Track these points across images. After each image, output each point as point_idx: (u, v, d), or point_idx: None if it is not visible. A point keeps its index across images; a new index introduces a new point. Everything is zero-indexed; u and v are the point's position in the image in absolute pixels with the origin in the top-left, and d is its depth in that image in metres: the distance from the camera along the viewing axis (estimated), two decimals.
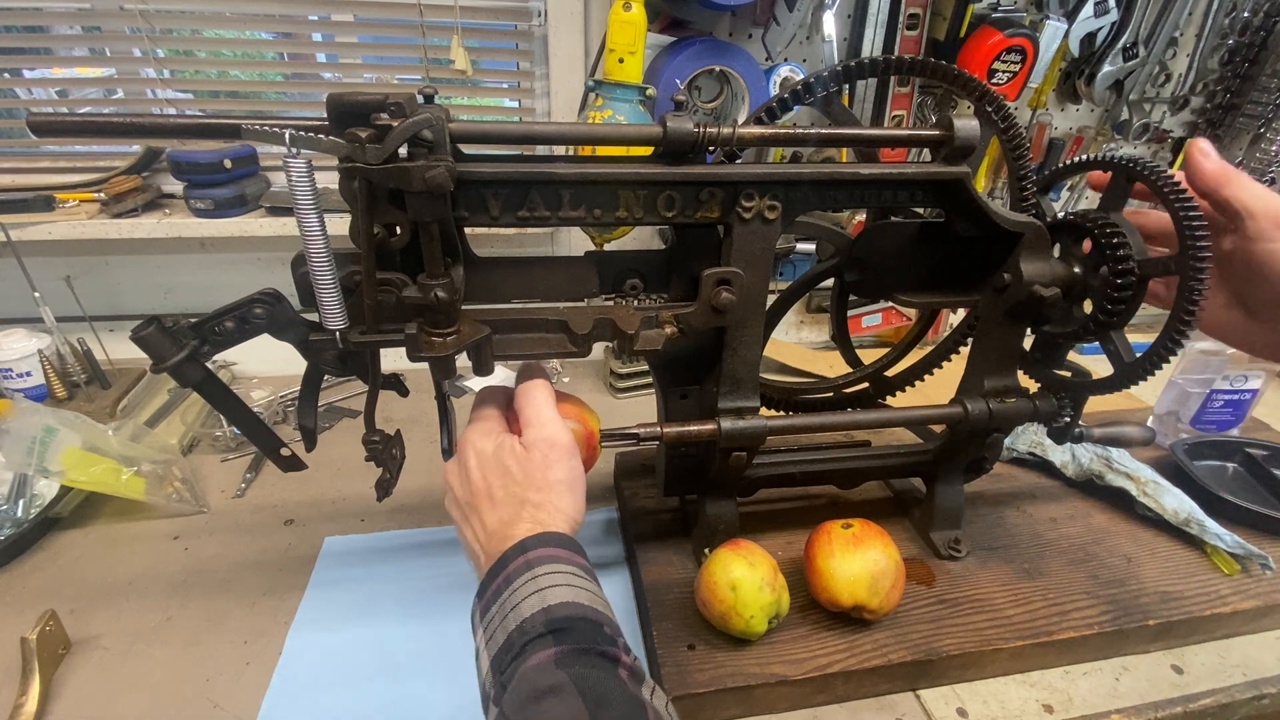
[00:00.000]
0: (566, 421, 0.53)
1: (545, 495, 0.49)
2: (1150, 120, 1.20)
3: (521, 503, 0.49)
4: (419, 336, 0.50)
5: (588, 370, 1.16)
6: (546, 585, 0.43)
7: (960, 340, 0.77)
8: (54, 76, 1.22)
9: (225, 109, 1.19)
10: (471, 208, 0.51)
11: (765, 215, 0.54)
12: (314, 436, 0.59)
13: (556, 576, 0.44)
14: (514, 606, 0.42)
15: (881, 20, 1.01)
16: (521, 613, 0.42)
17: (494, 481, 0.50)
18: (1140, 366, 0.58)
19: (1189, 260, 0.52)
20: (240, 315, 0.50)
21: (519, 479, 0.49)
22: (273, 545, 0.75)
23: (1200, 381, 0.93)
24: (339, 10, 1.07)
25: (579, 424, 0.56)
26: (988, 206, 0.58)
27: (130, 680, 0.59)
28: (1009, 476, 0.86)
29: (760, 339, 0.60)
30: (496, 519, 0.49)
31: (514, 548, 0.46)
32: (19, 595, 0.67)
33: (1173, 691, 0.62)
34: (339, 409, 1.00)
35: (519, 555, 0.45)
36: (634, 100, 0.90)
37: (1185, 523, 0.74)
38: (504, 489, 0.50)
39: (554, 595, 0.42)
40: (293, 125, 0.43)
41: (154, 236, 1.05)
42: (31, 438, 0.72)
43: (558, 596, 0.42)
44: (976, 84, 0.60)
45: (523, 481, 0.49)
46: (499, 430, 0.53)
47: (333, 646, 0.63)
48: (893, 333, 1.25)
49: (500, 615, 0.43)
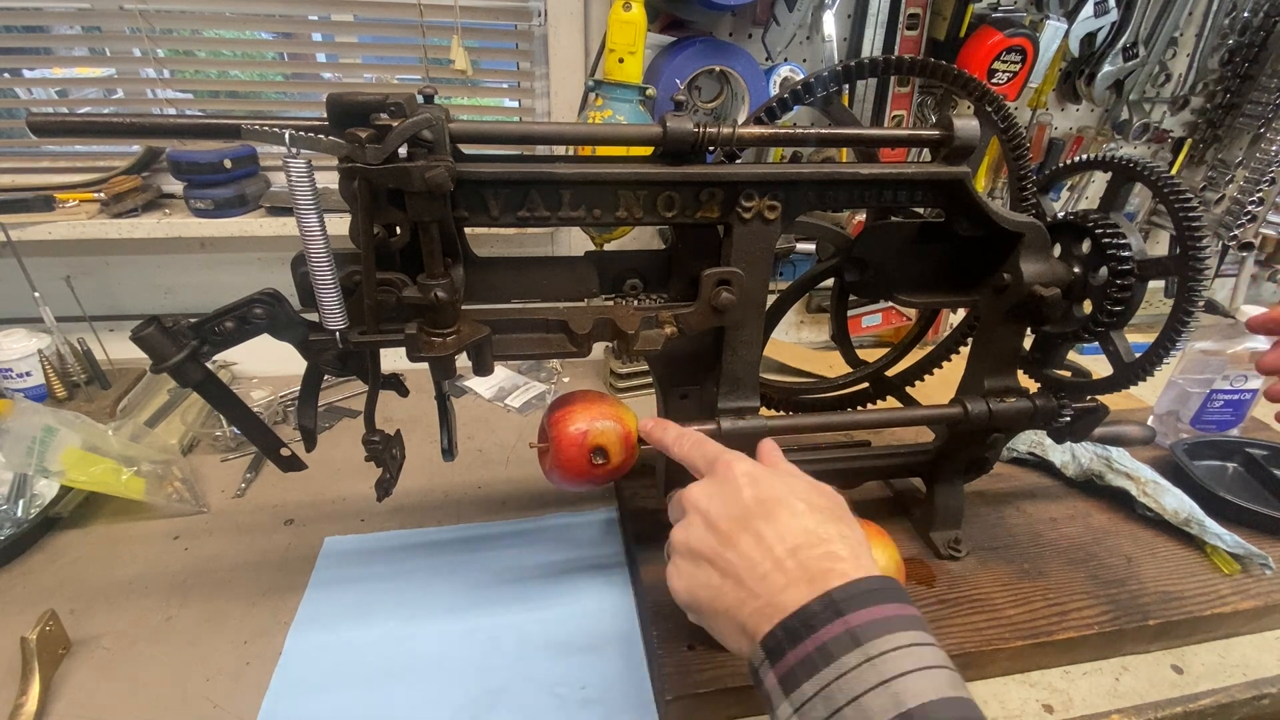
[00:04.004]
0: (604, 421, 0.53)
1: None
2: (1150, 120, 1.20)
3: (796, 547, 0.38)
4: (419, 336, 0.50)
5: (588, 370, 1.16)
6: (892, 674, 0.32)
7: (960, 340, 0.77)
8: (54, 76, 1.22)
9: (225, 109, 1.19)
10: (471, 208, 0.51)
11: (765, 215, 0.54)
12: (314, 436, 0.59)
13: (901, 656, 0.32)
14: (851, 700, 0.32)
15: (881, 20, 1.01)
16: (870, 715, 0.31)
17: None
18: (1140, 366, 0.58)
19: (1189, 260, 0.52)
20: (240, 315, 0.50)
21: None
22: (273, 545, 0.75)
23: (1200, 381, 0.93)
24: (339, 10, 1.07)
25: (617, 423, 0.56)
26: (988, 206, 0.58)
27: (130, 680, 0.59)
28: (1009, 476, 0.86)
29: (760, 339, 0.60)
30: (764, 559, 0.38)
31: (819, 604, 0.35)
32: (19, 595, 0.67)
33: (1173, 691, 0.62)
34: (339, 409, 1.00)
35: (832, 618, 0.34)
36: (634, 100, 0.90)
37: (1185, 523, 0.74)
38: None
39: (909, 689, 0.31)
40: (293, 125, 0.43)
41: (154, 236, 1.04)
42: (31, 438, 0.72)
43: (915, 693, 0.31)
44: (976, 84, 0.60)
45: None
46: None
47: (333, 646, 0.63)
48: (893, 333, 1.24)
49: (828, 705, 0.32)
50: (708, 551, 0.40)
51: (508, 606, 0.67)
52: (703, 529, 0.41)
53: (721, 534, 0.40)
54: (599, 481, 0.65)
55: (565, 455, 0.61)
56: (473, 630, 0.65)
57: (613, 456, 0.63)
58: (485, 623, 0.66)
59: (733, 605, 0.38)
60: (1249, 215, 1.24)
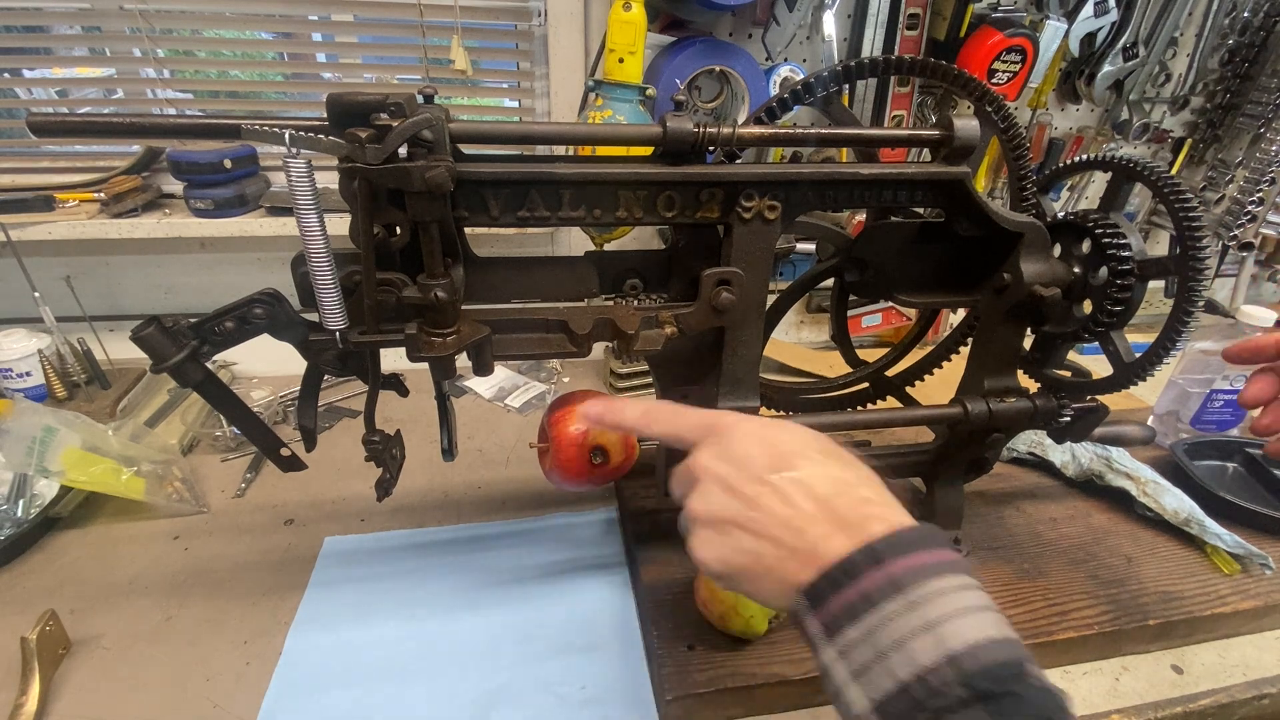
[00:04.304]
0: None
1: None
2: (1150, 120, 1.20)
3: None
4: (419, 336, 0.50)
5: (588, 370, 1.16)
6: (936, 617, 0.31)
7: (960, 340, 0.77)
8: (54, 76, 1.22)
9: (225, 109, 1.19)
10: (471, 208, 0.51)
11: (765, 215, 0.54)
12: (314, 436, 0.59)
13: (944, 601, 0.32)
14: (896, 644, 0.31)
15: (881, 20, 1.01)
16: (915, 658, 0.31)
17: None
18: (1140, 366, 0.58)
19: (1189, 260, 0.52)
20: (240, 315, 0.50)
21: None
22: (273, 545, 0.75)
23: (1200, 381, 0.93)
24: (339, 10, 1.07)
25: None
26: (988, 206, 0.58)
27: (130, 680, 0.59)
28: (1009, 476, 0.86)
29: (760, 339, 0.60)
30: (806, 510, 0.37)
31: (860, 554, 0.34)
32: (19, 595, 0.67)
33: (1173, 691, 0.62)
34: (339, 409, 1.00)
35: (872, 567, 0.33)
36: (634, 100, 0.90)
37: (1185, 523, 0.74)
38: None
39: (953, 631, 0.31)
40: (293, 125, 0.43)
41: (154, 236, 1.04)
42: (31, 438, 0.72)
43: (959, 634, 0.31)
44: (976, 84, 0.60)
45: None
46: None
47: (333, 646, 0.63)
48: (893, 333, 1.24)
49: (873, 647, 0.32)
50: (735, 516, 0.39)
51: (508, 606, 0.67)
52: (722, 494, 0.39)
53: (745, 496, 0.39)
54: (599, 481, 0.65)
55: (565, 455, 0.61)
56: (473, 630, 0.65)
57: (613, 456, 0.63)
58: (485, 623, 0.66)
59: (774, 565, 0.37)
60: (1249, 215, 1.24)
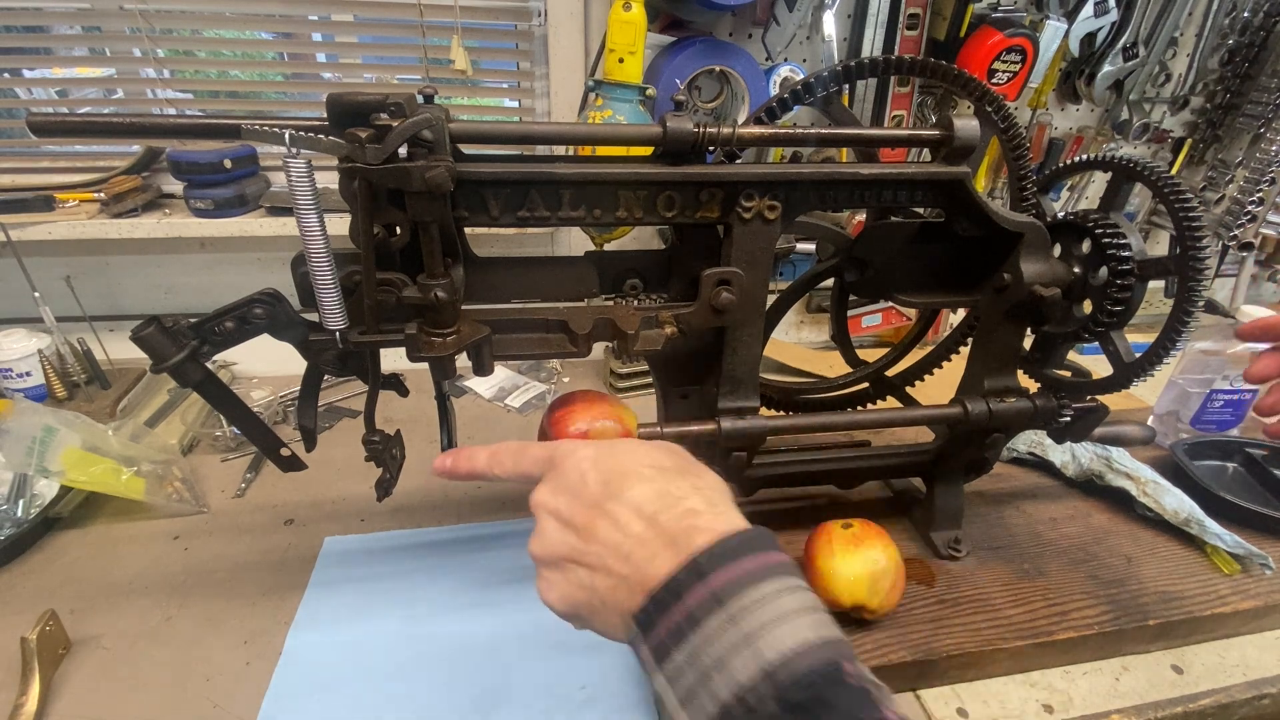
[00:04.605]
0: (604, 421, 0.53)
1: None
2: (1150, 120, 1.20)
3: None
4: (419, 336, 0.50)
5: (588, 370, 1.16)
6: (753, 628, 0.31)
7: (960, 340, 0.77)
8: (54, 76, 1.22)
9: (225, 109, 1.19)
10: (471, 208, 0.51)
11: (765, 215, 0.54)
12: (314, 436, 0.59)
13: (761, 609, 0.31)
14: (717, 663, 0.31)
15: (881, 20, 1.01)
16: (735, 676, 0.30)
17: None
18: (1140, 366, 0.58)
19: (1189, 260, 0.52)
20: (240, 315, 0.50)
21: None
22: (273, 545, 0.75)
23: (1200, 381, 0.93)
24: (339, 10, 1.07)
25: (617, 423, 0.56)
26: (988, 206, 0.58)
27: (130, 680, 0.59)
28: (1009, 476, 0.86)
29: (760, 339, 0.60)
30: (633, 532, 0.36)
31: (684, 572, 0.33)
32: (19, 595, 0.67)
33: (1173, 691, 0.62)
34: (339, 409, 1.00)
35: (697, 582, 0.33)
36: (634, 100, 0.90)
37: (1185, 523, 0.74)
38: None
39: (770, 642, 0.30)
40: (293, 125, 0.43)
41: (154, 236, 1.04)
42: (31, 438, 0.72)
43: (775, 644, 0.30)
44: (976, 84, 0.60)
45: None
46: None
47: (333, 646, 0.63)
48: (893, 333, 1.25)
49: (697, 670, 0.31)
50: (569, 552, 0.38)
51: (508, 606, 0.67)
52: (558, 530, 0.39)
53: (578, 528, 0.37)
54: None
55: None
56: (473, 630, 0.65)
57: None
58: (485, 623, 0.66)
59: (608, 597, 0.36)
60: (1249, 215, 1.24)
